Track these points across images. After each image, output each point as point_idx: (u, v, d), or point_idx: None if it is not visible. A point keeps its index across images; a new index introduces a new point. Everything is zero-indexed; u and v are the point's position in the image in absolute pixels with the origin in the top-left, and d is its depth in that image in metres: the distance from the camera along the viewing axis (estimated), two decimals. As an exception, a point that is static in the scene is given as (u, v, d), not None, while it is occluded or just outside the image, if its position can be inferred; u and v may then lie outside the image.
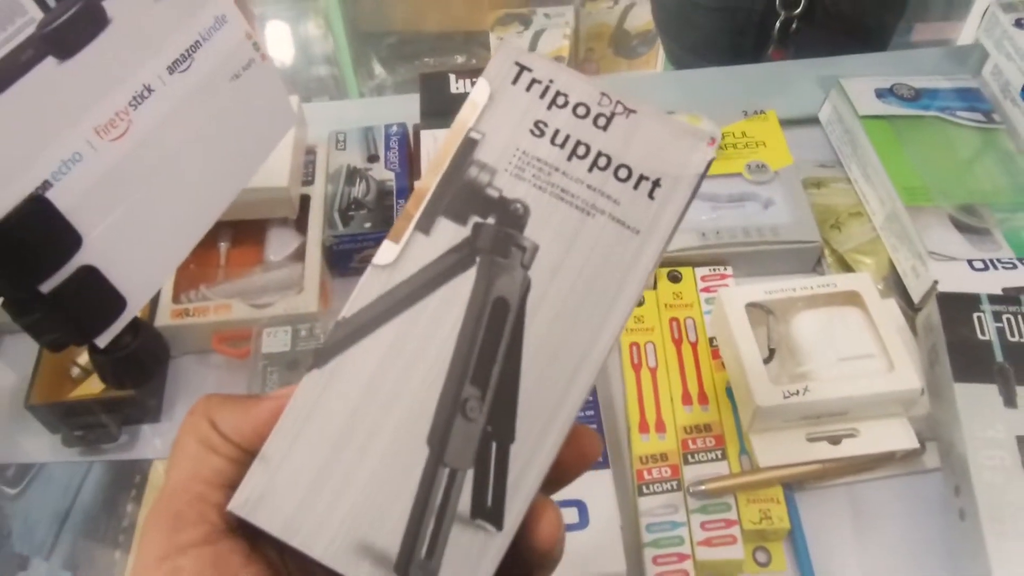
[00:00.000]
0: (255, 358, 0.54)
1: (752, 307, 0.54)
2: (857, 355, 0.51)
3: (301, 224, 0.63)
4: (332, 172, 0.65)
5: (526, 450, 0.25)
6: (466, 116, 0.26)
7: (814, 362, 0.51)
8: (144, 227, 0.38)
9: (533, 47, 1.77)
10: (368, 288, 0.25)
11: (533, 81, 0.27)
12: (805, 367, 0.52)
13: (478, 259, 0.26)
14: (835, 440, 0.51)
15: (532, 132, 0.27)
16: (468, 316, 0.25)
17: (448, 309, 0.25)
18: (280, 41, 1.83)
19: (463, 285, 0.25)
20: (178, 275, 0.59)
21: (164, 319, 0.57)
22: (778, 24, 0.81)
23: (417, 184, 0.27)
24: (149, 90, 0.37)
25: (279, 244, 0.63)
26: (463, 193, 0.26)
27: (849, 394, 0.49)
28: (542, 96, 0.27)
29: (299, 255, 0.61)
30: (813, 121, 0.72)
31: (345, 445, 0.24)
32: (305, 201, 0.63)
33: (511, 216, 0.26)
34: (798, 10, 0.80)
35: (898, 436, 0.51)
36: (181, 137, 0.39)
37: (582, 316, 0.26)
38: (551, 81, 0.27)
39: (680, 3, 0.89)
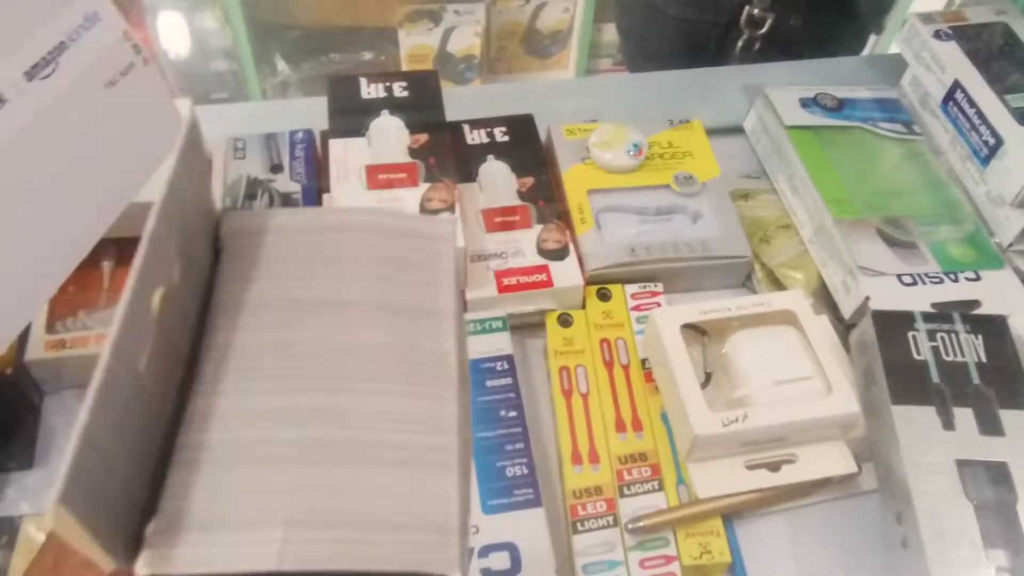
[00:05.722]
0: (144, 396, 0.48)
1: (686, 328, 0.51)
2: (794, 377, 0.49)
3: (196, 241, 0.56)
4: (231, 183, 0.59)
5: None
6: None
7: (751, 386, 0.49)
8: (-4, 263, 0.32)
9: (444, 44, 1.73)
10: None
11: None
12: (742, 391, 0.49)
13: None
14: (774, 467, 0.49)
15: None
16: None
17: None
18: (174, 34, 1.72)
19: None
20: (53, 301, 0.52)
21: (36, 352, 0.50)
22: (740, 43, 0.79)
23: None
24: (1, 100, 0.31)
25: (171, 264, 0.56)
26: None
27: (788, 420, 0.47)
28: None
29: (194, 276, 0.55)
30: (736, 131, 0.70)
31: None
32: (200, 215, 0.57)
33: None
34: (763, 30, 0.77)
35: (837, 460, 0.49)
36: (44, 153, 0.33)
37: None
38: None
39: (645, 8, 0.86)
